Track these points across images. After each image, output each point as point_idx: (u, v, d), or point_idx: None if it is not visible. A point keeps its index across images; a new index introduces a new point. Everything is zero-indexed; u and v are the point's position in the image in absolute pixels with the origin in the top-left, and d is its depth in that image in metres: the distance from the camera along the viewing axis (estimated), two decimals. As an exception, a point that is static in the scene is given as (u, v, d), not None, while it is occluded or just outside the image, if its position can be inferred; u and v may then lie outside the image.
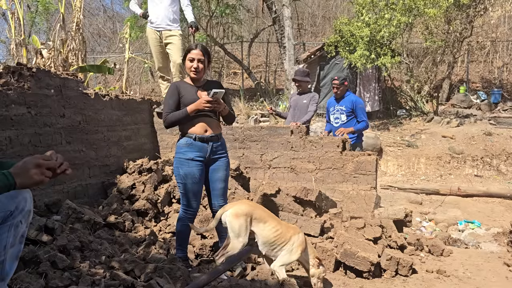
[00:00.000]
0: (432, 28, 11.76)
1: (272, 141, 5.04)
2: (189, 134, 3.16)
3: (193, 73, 3.16)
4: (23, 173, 1.58)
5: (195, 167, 3.13)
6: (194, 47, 3.16)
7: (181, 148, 3.19)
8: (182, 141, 3.20)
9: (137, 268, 2.77)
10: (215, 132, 3.21)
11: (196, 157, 3.14)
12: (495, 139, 9.62)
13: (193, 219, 3.30)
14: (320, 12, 21.07)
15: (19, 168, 1.59)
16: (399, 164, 9.62)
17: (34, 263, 2.49)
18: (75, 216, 3.40)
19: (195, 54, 3.13)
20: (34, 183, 1.61)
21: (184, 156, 3.15)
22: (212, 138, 3.18)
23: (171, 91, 3.19)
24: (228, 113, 3.26)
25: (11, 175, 1.56)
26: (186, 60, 3.17)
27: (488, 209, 6.52)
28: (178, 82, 3.30)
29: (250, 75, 15.72)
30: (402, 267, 3.32)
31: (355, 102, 5.29)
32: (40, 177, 1.60)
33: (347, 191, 4.68)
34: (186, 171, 3.13)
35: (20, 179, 1.57)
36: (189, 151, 3.14)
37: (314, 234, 3.75)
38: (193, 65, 3.13)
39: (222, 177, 3.27)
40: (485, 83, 15.09)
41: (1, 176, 1.55)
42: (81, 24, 8.18)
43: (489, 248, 4.37)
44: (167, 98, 3.21)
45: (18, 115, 3.58)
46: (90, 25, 22.76)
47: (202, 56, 3.15)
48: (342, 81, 5.33)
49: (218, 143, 3.24)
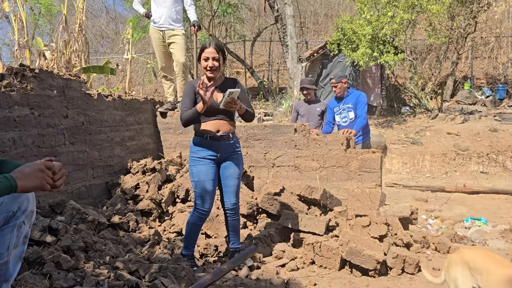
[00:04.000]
0: (436, 25, 11.68)
1: (275, 140, 5.01)
2: (202, 133, 3.17)
3: (209, 72, 3.12)
4: (25, 177, 1.58)
5: (207, 165, 3.15)
6: (208, 45, 3.11)
7: (193, 147, 3.21)
8: (195, 140, 3.22)
9: (142, 268, 2.76)
10: (227, 131, 3.19)
11: (208, 156, 3.15)
12: (501, 135, 9.54)
13: (204, 220, 3.29)
14: (322, 10, 21.03)
15: (21, 171, 1.59)
16: (403, 162, 9.56)
17: (38, 264, 2.49)
18: (79, 216, 3.40)
19: (209, 52, 3.08)
20: (35, 187, 1.60)
21: (197, 155, 3.17)
22: (224, 137, 3.18)
23: (188, 89, 3.18)
24: (246, 112, 3.19)
25: (13, 178, 1.56)
26: (201, 59, 3.13)
27: (495, 206, 6.46)
28: (195, 80, 3.26)
29: (253, 74, 15.70)
30: (409, 265, 3.29)
31: (359, 97, 5.30)
32: (41, 182, 1.60)
33: (351, 189, 4.65)
34: (199, 169, 3.15)
35: (22, 182, 1.57)
36: (201, 150, 3.16)
37: (319, 233, 3.72)
38: (208, 64, 3.09)
39: (233, 174, 3.26)
40: (489, 79, 14.99)
41: (3, 179, 1.54)
42: (84, 26, 8.20)
43: (496, 245, 4.32)
44: (184, 96, 3.21)
45: (21, 116, 3.57)
46: (92, 27, 22.84)
47: (217, 54, 3.10)
48: (338, 79, 5.32)
49: (231, 141, 3.24)
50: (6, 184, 1.54)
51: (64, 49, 7.75)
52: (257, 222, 4.24)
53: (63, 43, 7.78)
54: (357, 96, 5.31)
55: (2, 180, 1.53)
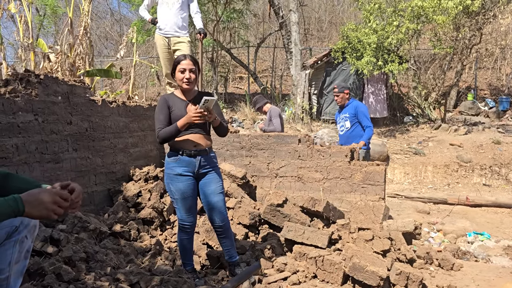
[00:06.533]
0: (441, 35, 11.68)
1: (279, 150, 4.99)
2: (177, 149, 3.07)
3: (185, 84, 3.05)
4: (35, 205, 1.52)
5: (184, 182, 3.05)
6: (183, 57, 3.07)
7: (169, 164, 3.11)
8: (170, 155, 3.11)
9: (143, 280, 2.73)
10: (203, 146, 3.10)
11: (184, 172, 3.05)
12: (504, 147, 9.51)
13: (192, 232, 3.23)
14: (327, 18, 21.06)
15: (34, 197, 1.53)
16: (406, 172, 9.53)
17: (39, 275, 2.46)
18: (80, 225, 3.37)
19: (185, 64, 3.03)
20: (41, 216, 1.55)
21: (173, 172, 3.07)
22: (201, 153, 3.08)
23: (161, 105, 3.08)
24: (220, 124, 3.12)
25: (22, 203, 1.50)
26: (177, 72, 3.06)
27: (497, 220, 6.42)
28: (167, 95, 3.19)
29: (256, 80, 15.70)
30: (412, 282, 3.25)
31: (357, 107, 5.45)
32: (48, 213, 1.55)
33: (355, 201, 4.61)
34: (176, 186, 3.05)
35: (30, 209, 1.51)
36: (177, 166, 3.05)
37: (322, 246, 3.69)
38: (185, 75, 3.03)
39: (216, 190, 3.14)
40: (493, 90, 14.98)
41: (12, 202, 1.49)
42: (89, 28, 8.19)
43: (500, 262, 4.29)
44: (157, 113, 3.09)
45: (25, 122, 3.56)
46: (97, 28, 22.91)
47: (193, 66, 3.06)
48: (341, 89, 5.51)
49: (207, 156, 3.13)
50: (14, 207, 1.48)
51: (69, 52, 7.75)
52: (259, 233, 4.21)
53: (68, 46, 7.78)
54: (355, 107, 5.44)
55: (10, 203, 1.48)
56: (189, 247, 3.25)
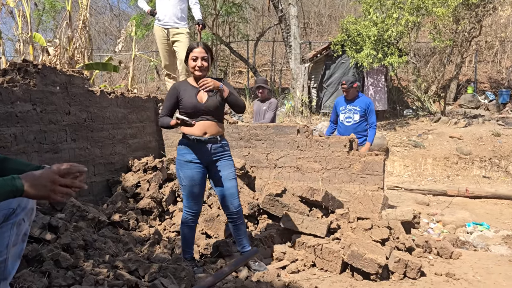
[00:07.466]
0: (440, 28, 11.64)
1: (278, 140, 4.99)
2: (188, 135, 3.09)
3: (197, 71, 3.08)
4: (34, 184, 1.48)
5: (194, 169, 3.07)
6: (196, 45, 3.09)
7: (180, 150, 3.14)
8: (181, 142, 3.15)
9: (141, 267, 2.73)
10: (215, 133, 3.11)
11: (195, 159, 3.07)
12: (504, 140, 9.49)
13: (196, 220, 3.25)
14: (326, 11, 20.97)
15: (33, 176, 1.50)
16: (405, 165, 9.52)
17: (37, 262, 2.46)
18: (79, 214, 3.37)
19: (197, 52, 3.06)
20: (40, 196, 1.51)
21: (183, 158, 3.09)
22: (211, 140, 3.09)
23: (170, 93, 3.14)
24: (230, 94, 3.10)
25: (21, 181, 1.47)
26: (189, 59, 3.10)
27: (497, 211, 6.42)
28: (180, 82, 3.22)
29: (255, 74, 15.66)
30: (411, 269, 3.26)
31: (369, 104, 5.45)
32: (48, 194, 1.50)
33: (354, 191, 4.62)
34: (185, 173, 3.08)
35: (29, 188, 1.47)
36: (188, 153, 3.08)
37: (321, 235, 3.69)
38: (197, 63, 3.06)
39: (228, 176, 3.15)
40: (493, 83, 14.94)
41: (10, 180, 1.45)
42: (88, 22, 8.17)
43: (499, 250, 4.29)
44: (166, 98, 3.17)
45: (24, 112, 3.55)
46: (96, 23, 22.83)
47: (206, 54, 3.08)
48: (350, 85, 5.41)
49: (218, 145, 3.14)
50: (12, 186, 1.45)
51: (68, 45, 7.73)
52: (258, 223, 4.22)
53: (67, 39, 7.76)
54: (368, 104, 5.45)
55: (9, 182, 1.44)
56: (191, 235, 3.26)
